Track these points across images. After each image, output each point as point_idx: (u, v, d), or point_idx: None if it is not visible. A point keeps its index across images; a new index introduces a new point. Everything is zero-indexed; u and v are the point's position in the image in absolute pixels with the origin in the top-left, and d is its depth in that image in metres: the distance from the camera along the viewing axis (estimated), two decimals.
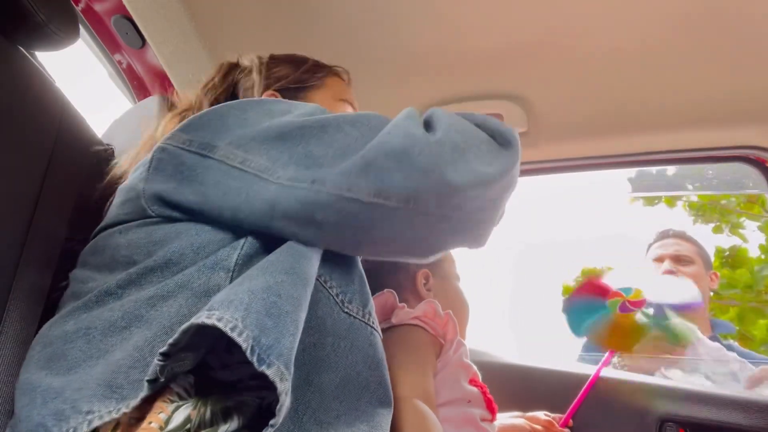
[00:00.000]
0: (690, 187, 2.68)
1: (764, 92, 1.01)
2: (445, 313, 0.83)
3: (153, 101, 0.91)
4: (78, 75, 1.10)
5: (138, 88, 1.18)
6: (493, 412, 0.81)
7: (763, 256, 3.02)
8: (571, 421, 0.99)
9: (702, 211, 3.24)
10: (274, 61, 0.84)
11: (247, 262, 0.51)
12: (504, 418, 0.93)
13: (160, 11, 1.04)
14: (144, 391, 0.41)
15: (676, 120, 1.09)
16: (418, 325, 0.79)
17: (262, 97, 0.62)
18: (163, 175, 0.56)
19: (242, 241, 0.53)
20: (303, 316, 0.45)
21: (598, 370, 1.00)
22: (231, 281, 0.49)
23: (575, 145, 1.20)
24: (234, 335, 0.38)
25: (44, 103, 0.73)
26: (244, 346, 0.38)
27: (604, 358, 1.01)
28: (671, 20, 0.93)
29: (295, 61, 0.85)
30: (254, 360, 0.38)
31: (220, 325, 0.39)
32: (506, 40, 1.02)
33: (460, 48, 1.05)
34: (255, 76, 0.80)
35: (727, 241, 3.17)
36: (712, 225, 3.20)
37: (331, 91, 0.85)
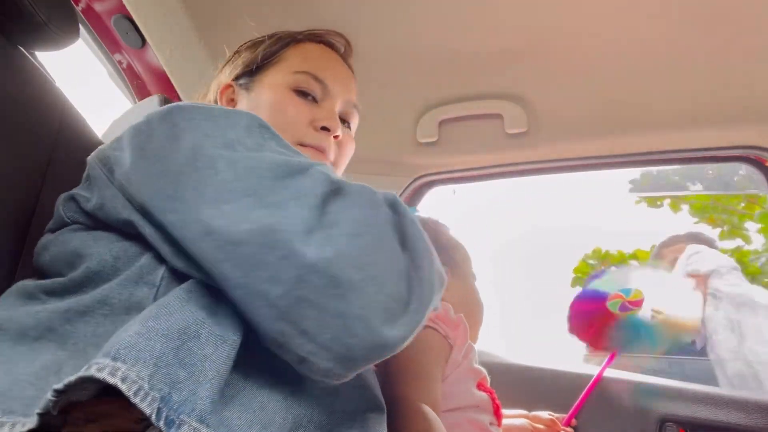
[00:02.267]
0: (691, 185, 2.68)
1: (764, 92, 1.01)
2: (457, 317, 0.81)
3: (153, 101, 0.91)
4: (78, 75, 1.10)
5: (138, 88, 1.18)
6: (499, 418, 0.81)
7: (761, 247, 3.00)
8: (574, 420, 0.99)
9: (705, 212, 3.23)
10: (246, 44, 0.79)
11: (173, 276, 0.47)
12: (507, 415, 0.93)
13: (160, 11, 1.04)
14: (33, 423, 0.36)
15: (676, 120, 1.09)
16: (429, 326, 0.78)
17: (188, 104, 0.53)
18: (86, 184, 0.54)
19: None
20: (232, 352, 0.41)
21: (602, 371, 1.00)
22: (155, 298, 0.45)
23: (575, 145, 1.20)
24: (137, 401, 0.34)
25: (44, 103, 0.73)
26: (148, 412, 0.34)
27: (607, 359, 1.01)
28: (671, 20, 0.93)
29: (255, 43, 0.78)
30: (161, 424, 0.34)
31: (123, 388, 0.34)
32: (506, 41, 1.02)
33: (460, 48, 1.05)
34: (219, 69, 0.77)
35: (730, 242, 3.16)
36: (714, 227, 3.20)
37: (290, 63, 0.74)
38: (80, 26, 0.81)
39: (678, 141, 1.15)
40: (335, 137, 0.72)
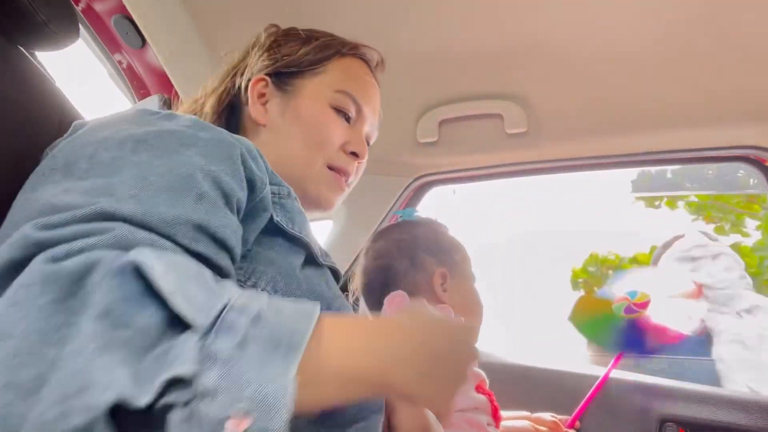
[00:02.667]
0: (689, 185, 2.68)
1: (764, 92, 1.01)
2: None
3: (153, 101, 0.91)
4: (78, 75, 1.10)
5: (138, 88, 1.18)
6: (497, 419, 0.80)
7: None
8: (578, 422, 0.98)
9: (701, 210, 3.23)
10: (286, 37, 0.76)
11: None
12: (508, 417, 0.93)
13: (160, 11, 1.04)
14: None
15: (676, 120, 1.09)
16: None
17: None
18: None
19: None
20: None
21: (608, 372, 1.00)
22: None
23: (575, 145, 1.20)
24: None
25: (44, 103, 0.73)
26: None
27: (613, 360, 1.00)
28: (671, 20, 0.93)
29: (304, 38, 0.75)
30: None
31: None
32: (506, 41, 1.02)
33: (460, 48, 1.05)
34: (250, 55, 0.73)
35: (727, 239, 3.16)
36: (712, 225, 3.20)
37: (333, 77, 0.73)
38: (80, 26, 0.81)
39: (678, 141, 1.15)
40: (359, 162, 0.74)
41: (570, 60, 1.04)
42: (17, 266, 0.33)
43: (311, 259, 0.59)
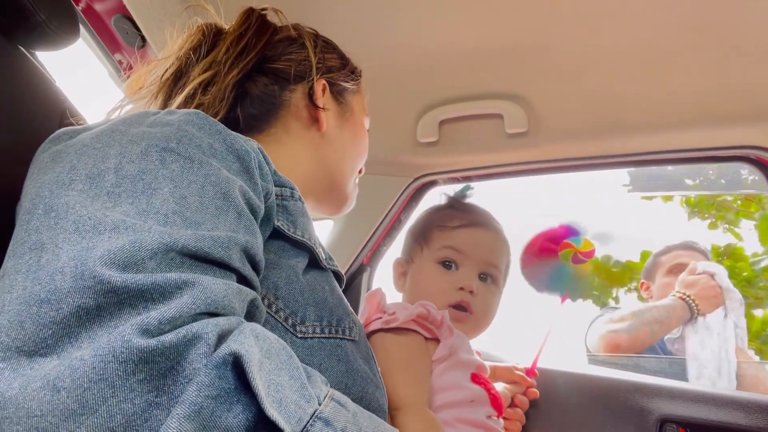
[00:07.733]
0: (689, 182, 2.67)
1: (764, 92, 1.01)
2: (441, 314, 0.81)
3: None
4: (78, 75, 1.10)
5: None
6: (499, 409, 0.80)
7: (761, 250, 2.99)
8: (536, 371, 0.99)
9: (699, 207, 3.22)
10: (326, 44, 0.76)
11: None
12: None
13: (160, 11, 1.04)
14: None
15: (675, 120, 1.09)
16: (412, 329, 0.77)
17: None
18: None
19: None
20: None
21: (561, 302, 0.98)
22: None
23: (575, 145, 1.20)
24: None
25: (44, 103, 0.73)
26: None
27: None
28: (671, 20, 0.93)
29: (341, 54, 0.77)
30: None
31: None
32: (506, 40, 1.02)
33: (460, 48, 1.05)
34: (311, 53, 0.71)
35: (722, 238, 3.15)
36: (706, 221, 3.19)
37: (362, 100, 0.79)
38: (80, 26, 0.81)
39: (678, 141, 1.15)
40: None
41: (570, 60, 1.04)
42: (90, 313, 0.32)
43: (314, 263, 0.58)
